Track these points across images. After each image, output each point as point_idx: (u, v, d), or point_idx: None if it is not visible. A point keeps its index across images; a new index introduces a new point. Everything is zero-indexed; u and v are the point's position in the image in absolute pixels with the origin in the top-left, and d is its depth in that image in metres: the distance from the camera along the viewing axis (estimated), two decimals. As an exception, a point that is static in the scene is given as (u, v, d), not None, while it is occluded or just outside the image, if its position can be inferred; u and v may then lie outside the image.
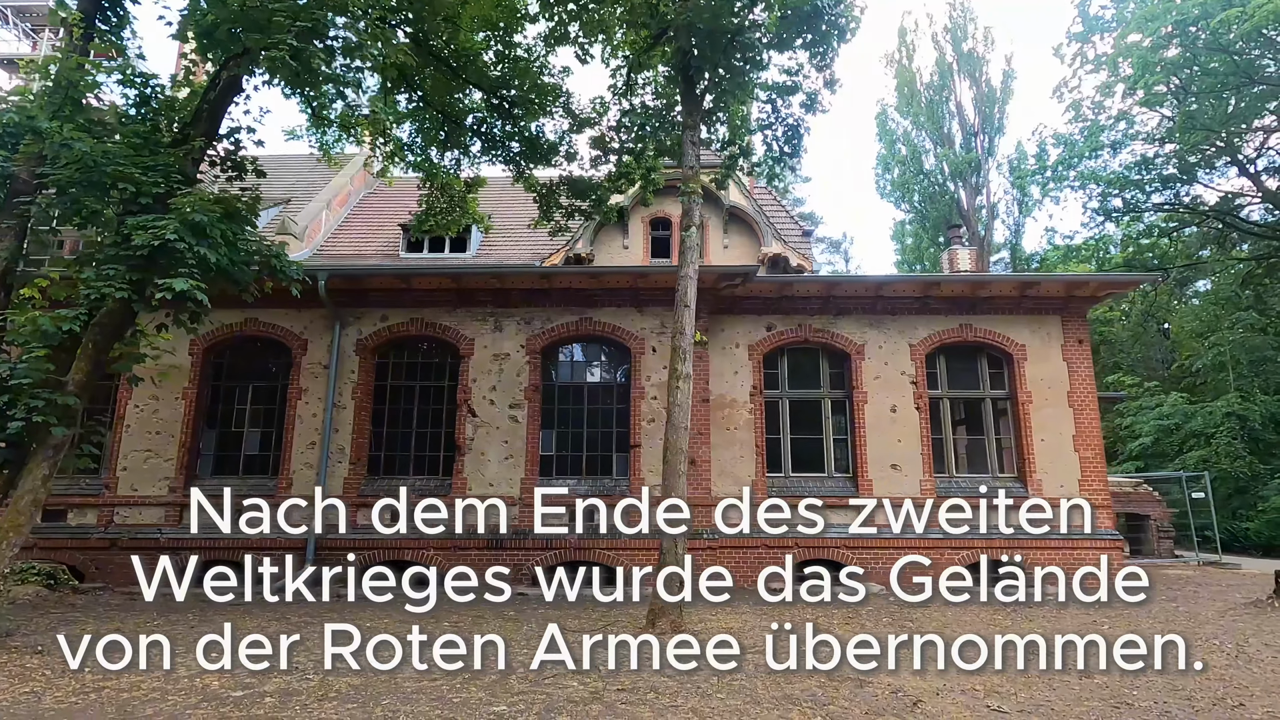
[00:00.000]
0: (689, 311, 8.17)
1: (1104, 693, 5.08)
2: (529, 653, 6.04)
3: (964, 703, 4.75)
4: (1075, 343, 12.34)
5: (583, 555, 11.08)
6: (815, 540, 11.55)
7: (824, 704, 4.75)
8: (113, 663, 5.31)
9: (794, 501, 11.64)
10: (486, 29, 10.93)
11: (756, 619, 8.18)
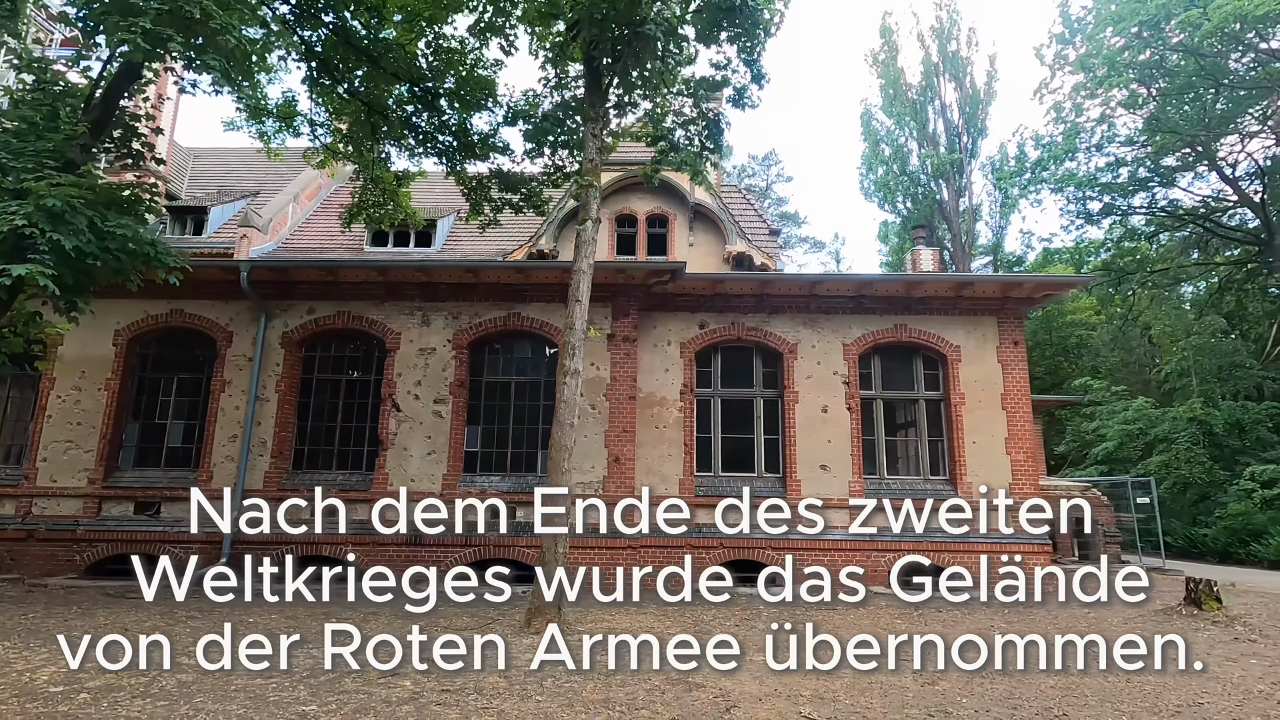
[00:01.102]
0: (580, 307, 8.04)
1: (933, 698, 4.94)
2: (388, 653, 5.95)
3: (780, 709, 4.63)
4: (1011, 344, 12.19)
5: (503, 553, 10.97)
6: (740, 540, 11.45)
7: (637, 708, 4.63)
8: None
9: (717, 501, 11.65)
10: (411, 18, 10.82)
11: (647, 620, 8.03)
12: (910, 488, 11.81)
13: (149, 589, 5.87)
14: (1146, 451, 20.79)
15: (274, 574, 7.19)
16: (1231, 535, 17.46)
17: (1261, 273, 27.83)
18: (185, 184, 25.83)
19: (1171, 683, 5.48)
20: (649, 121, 10.81)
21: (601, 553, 10.93)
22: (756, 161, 40.77)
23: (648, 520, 10.31)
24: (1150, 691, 5.24)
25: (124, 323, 11.85)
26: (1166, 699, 5.06)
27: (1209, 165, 26.93)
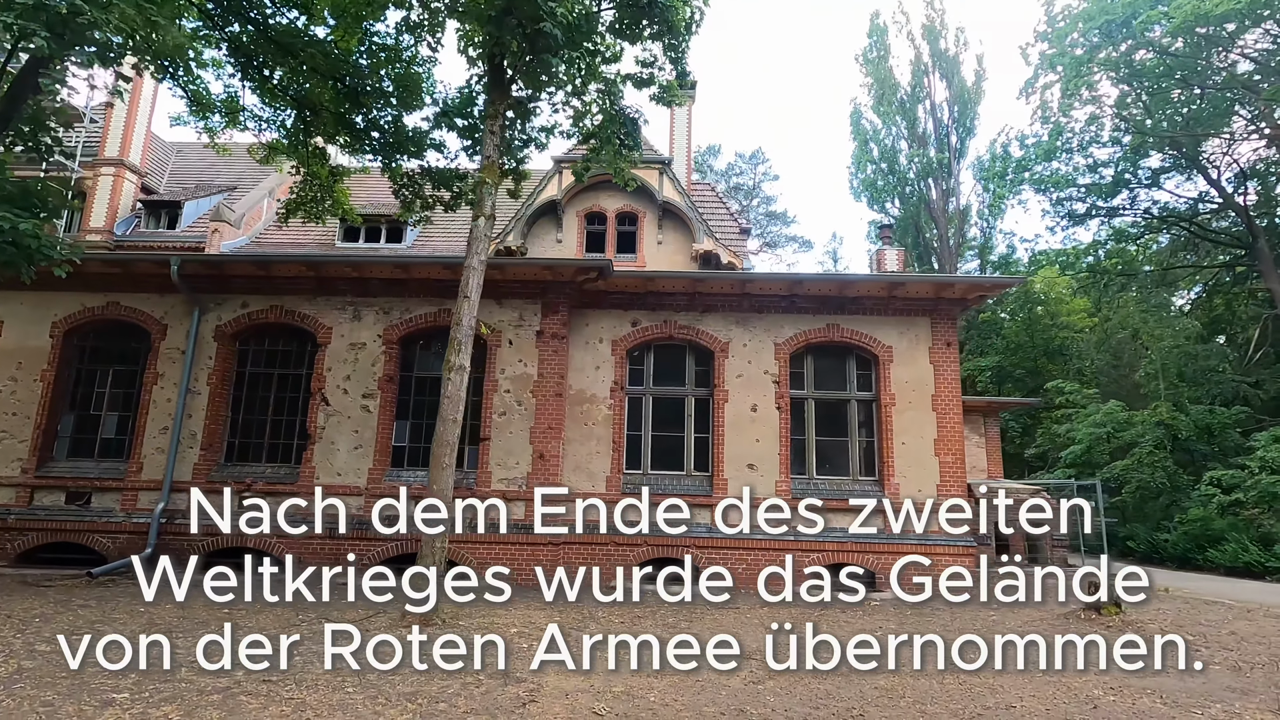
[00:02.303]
0: (468, 302, 8.08)
1: (744, 698, 4.95)
2: (254, 650, 6.03)
3: (576, 704, 4.65)
4: (943, 345, 12.13)
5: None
6: (664, 539, 11.46)
7: (436, 701, 4.67)
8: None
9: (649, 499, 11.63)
10: (339, 14, 10.87)
11: (534, 617, 8.05)
12: (838, 488, 11.78)
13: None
14: (1115, 455, 20.60)
15: (194, 568, 7.34)
16: (1191, 541, 17.28)
17: (1248, 277, 27.53)
18: (165, 178, 26.09)
19: (1002, 683, 5.46)
20: (574, 119, 10.82)
21: (522, 549, 10.97)
22: (744, 160, 40.71)
23: (577, 517, 10.40)
24: (972, 692, 5.22)
25: (61, 314, 12.00)
26: (983, 700, 5.05)
27: (1193, 167, 26.67)
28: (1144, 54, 21.40)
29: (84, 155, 22.67)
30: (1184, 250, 30.93)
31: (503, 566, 10.83)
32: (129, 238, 22.24)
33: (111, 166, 22.54)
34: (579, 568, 11.28)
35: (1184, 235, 29.06)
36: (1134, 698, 5.30)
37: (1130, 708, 5.04)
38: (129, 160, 22.81)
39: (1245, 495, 16.17)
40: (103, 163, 22.50)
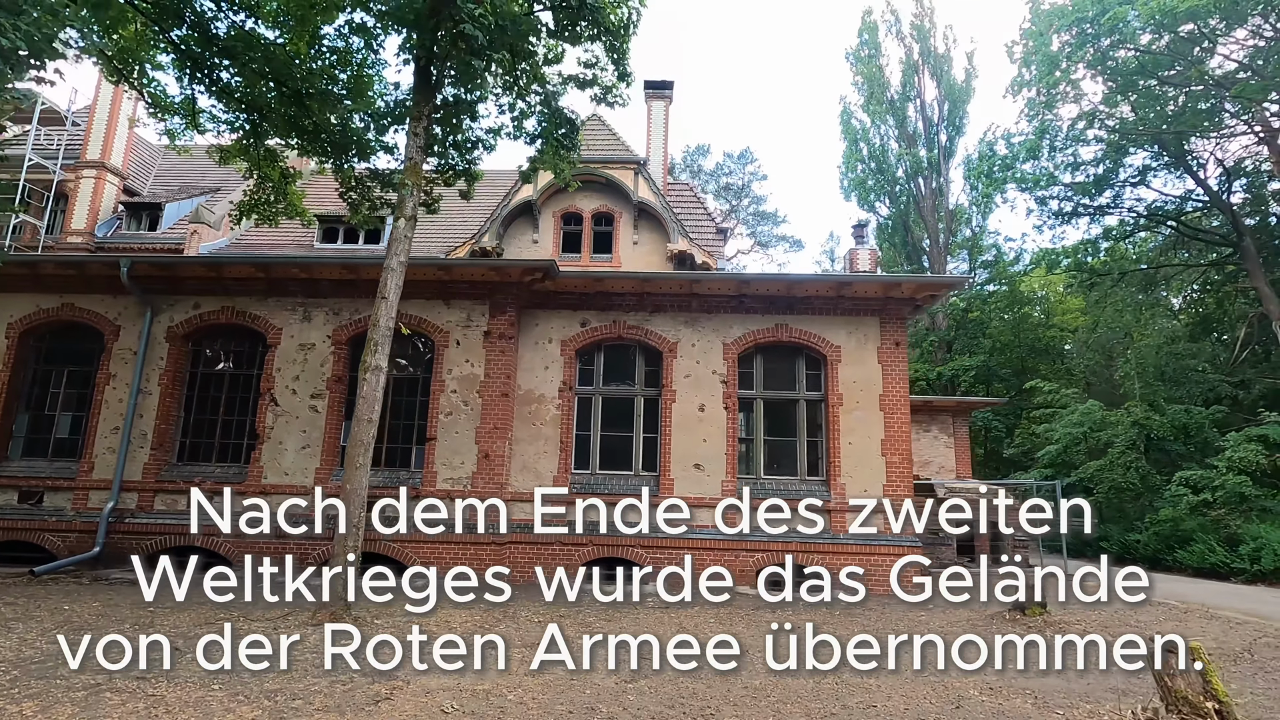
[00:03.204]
0: (386, 304, 8.13)
1: (606, 696, 4.97)
2: (150, 649, 6.12)
3: (429, 702, 4.69)
4: (892, 345, 12.10)
5: (370, 547, 11.07)
6: (609, 539, 11.48)
7: (294, 699, 4.72)
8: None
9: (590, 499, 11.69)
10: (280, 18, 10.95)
11: (454, 618, 8.09)
12: (785, 488, 11.76)
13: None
14: (1092, 455, 20.46)
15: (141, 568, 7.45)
16: (1161, 542, 17.16)
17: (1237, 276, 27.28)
18: (150, 181, 26.31)
19: (878, 683, 5.47)
20: (514, 121, 10.86)
21: (465, 549, 11.02)
22: (732, 159, 40.64)
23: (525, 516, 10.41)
24: (841, 692, 5.22)
25: (17, 315, 12.15)
26: (848, 699, 5.06)
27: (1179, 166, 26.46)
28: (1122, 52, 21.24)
29: (66, 158, 22.91)
30: (1174, 249, 30.73)
31: (444, 564, 10.94)
32: (110, 240, 22.45)
33: (93, 169, 22.75)
34: (524, 567, 11.41)
35: (1172, 234, 28.86)
36: (1006, 698, 5.29)
37: (995, 708, 5.03)
38: (110, 163, 23.02)
39: (1213, 496, 16.04)
40: (84, 165, 22.72)
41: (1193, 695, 4.03)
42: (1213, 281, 29.39)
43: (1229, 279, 28.58)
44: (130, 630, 6.80)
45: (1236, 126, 24.25)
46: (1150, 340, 22.21)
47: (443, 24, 8.36)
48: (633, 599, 9.82)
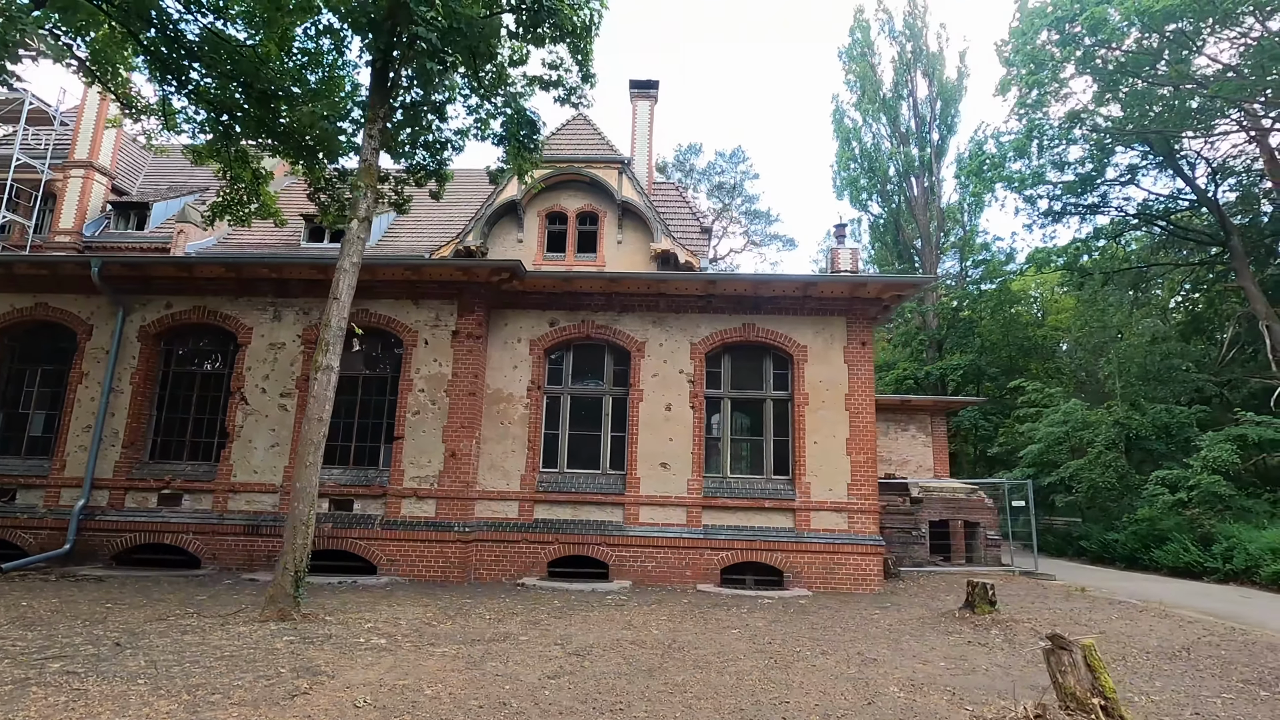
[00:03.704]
0: (338, 304, 8.21)
1: (522, 688, 5.05)
2: (89, 644, 6.25)
3: (345, 696, 4.78)
4: (858, 345, 12.15)
5: (335, 544, 11.19)
6: (575, 537, 11.57)
7: (214, 693, 4.81)
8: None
9: (563, 498, 11.81)
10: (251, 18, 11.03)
11: (401, 612, 8.18)
12: (751, 487, 11.84)
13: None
14: (1075, 454, 20.47)
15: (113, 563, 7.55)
16: (1139, 541, 17.15)
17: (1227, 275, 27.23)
18: (140, 180, 26.47)
19: (798, 679, 5.54)
20: (478, 122, 10.94)
21: (431, 546, 11.11)
22: (724, 159, 40.64)
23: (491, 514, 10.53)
24: (760, 688, 5.30)
25: None
26: (762, 694, 5.13)
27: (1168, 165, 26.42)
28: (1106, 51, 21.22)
29: (54, 157, 23.07)
30: (1164, 248, 30.70)
31: (410, 562, 11.05)
32: (98, 239, 22.60)
33: (81, 169, 22.91)
34: (490, 565, 11.51)
35: (1162, 234, 28.85)
36: (925, 694, 5.35)
37: (908, 703, 5.10)
38: (98, 162, 23.17)
39: (1187, 495, 16.04)
40: (72, 165, 22.87)
41: (1080, 691, 4.09)
42: (1204, 281, 29.37)
43: (1220, 278, 28.54)
44: (81, 626, 6.91)
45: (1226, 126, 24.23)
46: (1135, 339, 22.15)
47: (399, 26, 8.44)
48: (593, 597, 9.92)
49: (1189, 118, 23.36)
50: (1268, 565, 13.59)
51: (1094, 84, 24.54)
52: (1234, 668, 6.61)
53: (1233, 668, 6.61)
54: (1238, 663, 6.81)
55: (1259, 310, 23.49)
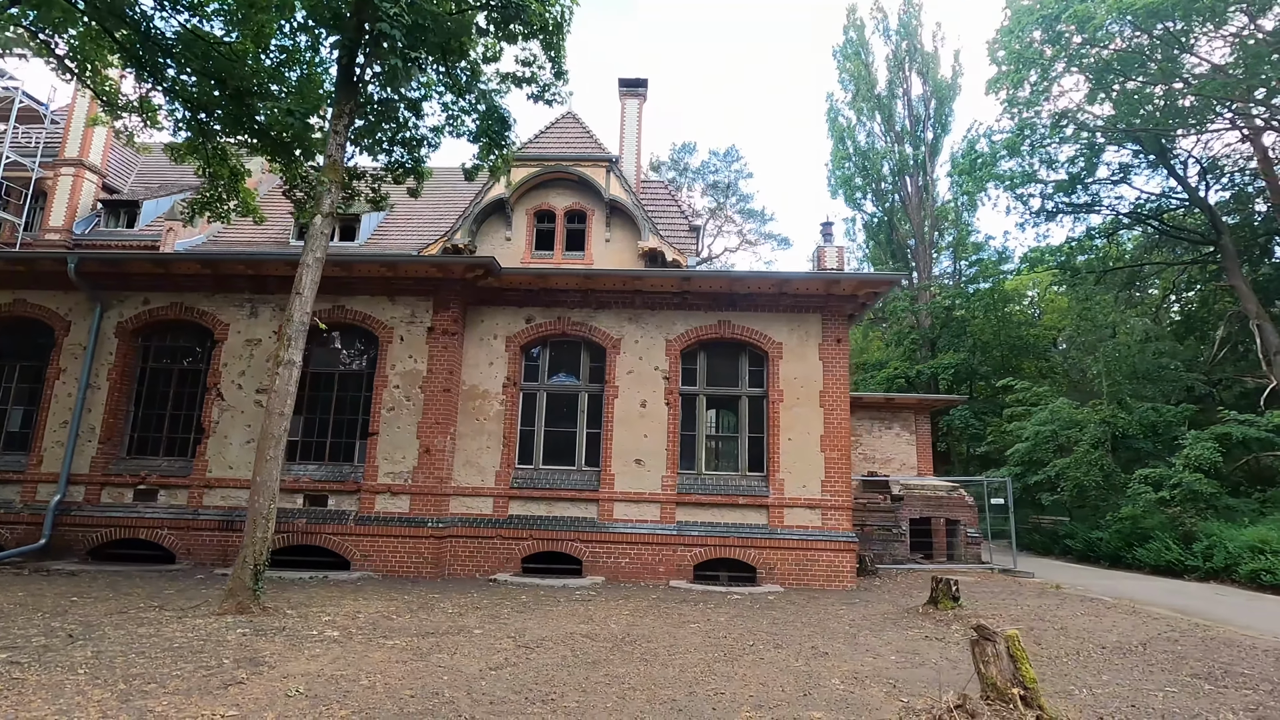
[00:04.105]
0: (300, 299, 8.25)
1: (458, 679, 5.08)
2: (42, 636, 6.29)
3: (279, 686, 4.81)
4: (833, 342, 12.16)
5: (310, 539, 11.24)
6: (550, 533, 11.59)
7: (150, 682, 4.84)
8: None
9: (537, 495, 11.83)
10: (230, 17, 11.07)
11: (363, 606, 8.21)
12: (725, 483, 11.85)
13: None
14: (1063, 453, 20.44)
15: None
16: (1122, 539, 17.14)
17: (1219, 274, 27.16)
18: (131, 178, 26.54)
19: (741, 672, 5.55)
20: (450, 119, 10.97)
21: (405, 541, 11.14)
22: (718, 157, 40.64)
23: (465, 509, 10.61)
24: (700, 680, 5.31)
25: None
26: (699, 686, 5.14)
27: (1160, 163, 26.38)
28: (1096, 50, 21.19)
29: (44, 155, 23.16)
30: (1157, 248, 30.65)
31: (384, 557, 11.09)
32: (88, 237, 22.67)
33: (71, 167, 22.99)
34: (464, 560, 11.54)
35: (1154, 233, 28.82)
36: (864, 687, 5.36)
37: (843, 695, 5.11)
38: (88, 160, 23.25)
39: (1169, 493, 16.02)
40: (62, 163, 22.96)
41: (1001, 681, 4.10)
42: (1198, 280, 29.31)
43: (1213, 277, 28.48)
44: (40, 619, 6.94)
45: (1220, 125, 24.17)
46: (1124, 338, 22.11)
47: (366, 23, 8.47)
48: (562, 593, 9.95)
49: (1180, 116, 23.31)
50: (1246, 563, 13.58)
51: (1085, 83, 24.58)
52: (1186, 662, 6.61)
53: (1185, 662, 6.60)
54: (1191, 657, 6.81)
55: (1250, 309, 23.43)
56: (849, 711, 4.73)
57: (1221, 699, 5.43)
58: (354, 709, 4.38)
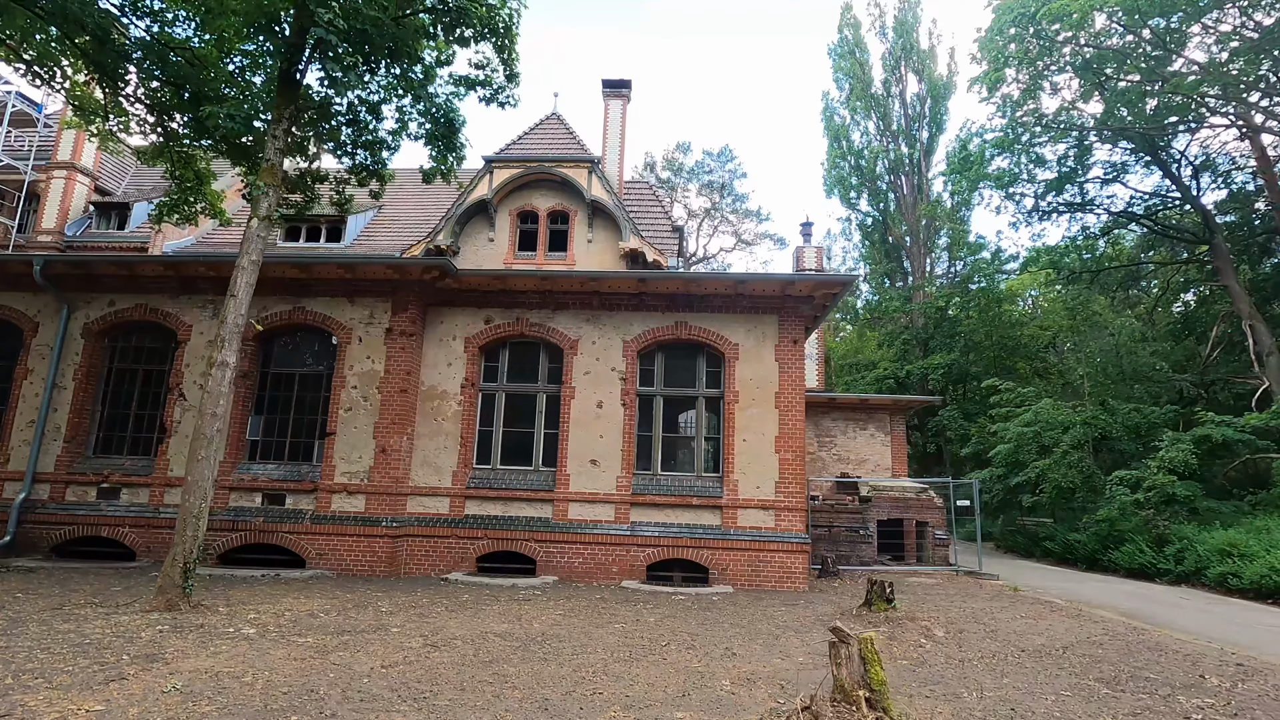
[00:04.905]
0: (235, 301, 8.36)
1: (345, 674, 5.15)
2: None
3: (157, 683, 4.90)
4: (790, 343, 12.15)
5: (266, 538, 11.38)
6: (504, 533, 11.67)
7: (37, 676, 4.95)
8: None
9: (494, 495, 11.91)
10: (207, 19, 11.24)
11: (299, 604, 8.32)
12: (680, 484, 11.87)
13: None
14: (1041, 454, 20.26)
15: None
16: (1099, 542, 16.99)
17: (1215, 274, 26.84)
18: (125, 180, 26.90)
19: (633, 671, 5.60)
20: (400, 122, 11.07)
21: (359, 540, 11.25)
22: (712, 157, 40.61)
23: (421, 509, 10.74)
24: (589, 678, 5.36)
25: None
26: (584, 686, 5.18)
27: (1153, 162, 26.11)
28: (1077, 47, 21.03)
29: (37, 159, 23.53)
30: (1152, 248, 30.35)
31: (339, 556, 11.20)
32: (79, 239, 23.01)
33: (63, 170, 23.34)
34: (419, 559, 11.64)
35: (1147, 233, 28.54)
36: (754, 687, 5.38)
37: (723, 696, 5.13)
38: (80, 163, 23.59)
39: (1144, 495, 15.84)
40: (55, 166, 23.31)
41: (849, 683, 4.12)
42: (1196, 280, 28.96)
43: (1210, 277, 28.13)
44: (-22, 614, 7.08)
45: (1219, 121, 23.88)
46: (1110, 339, 21.89)
47: (305, 28, 8.58)
48: (507, 592, 10.01)
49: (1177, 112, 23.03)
50: (1214, 566, 13.42)
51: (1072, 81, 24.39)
52: (1100, 666, 6.57)
53: (1098, 666, 6.57)
54: (1107, 661, 6.77)
55: (1242, 310, 23.15)
56: (718, 712, 4.76)
57: (1114, 703, 5.41)
58: (220, 706, 4.46)
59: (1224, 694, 5.74)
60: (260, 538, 11.41)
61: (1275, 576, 12.07)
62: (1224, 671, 6.53)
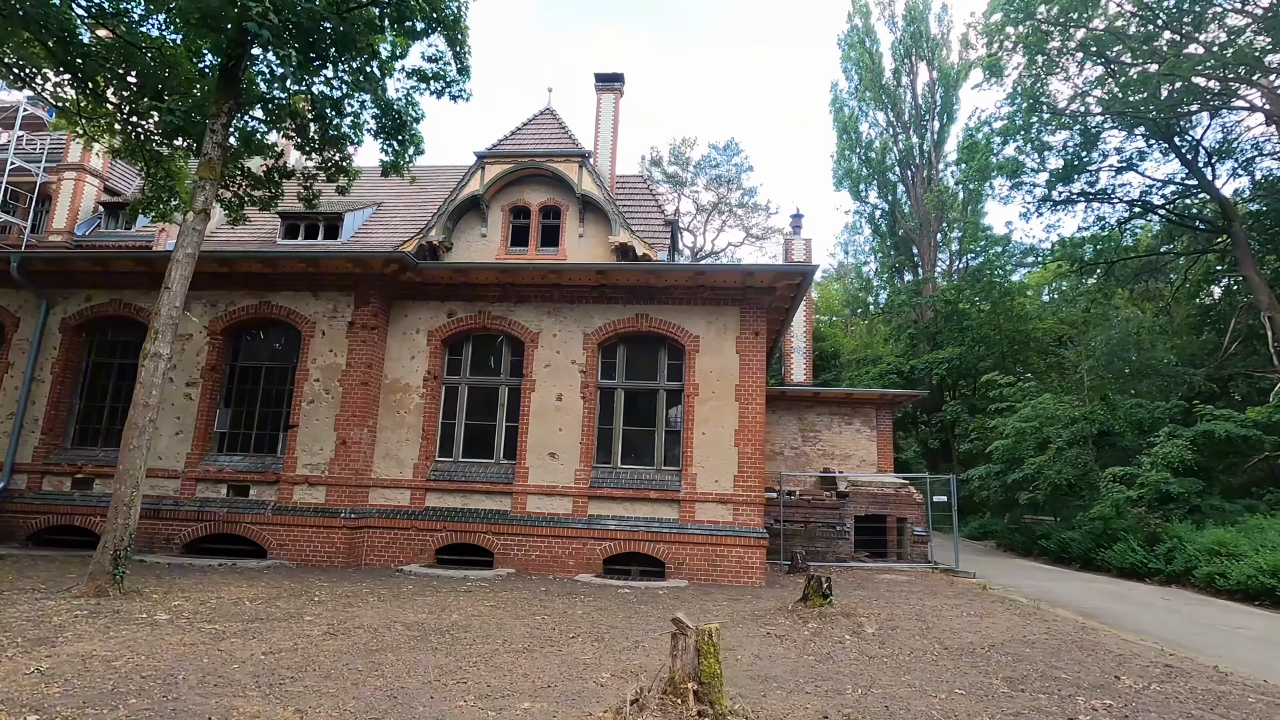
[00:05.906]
0: (169, 294, 8.47)
1: (262, 664, 5.18)
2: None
3: (26, 665, 4.98)
4: (751, 335, 11.96)
5: (230, 529, 11.57)
6: (463, 525, 11.71)
7: (-85, 658, 5.07)
8: None
9: (454, 487, 11.95)
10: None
11: (240, 592, 8.42)
12: (640, 478, 11.78)
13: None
14: (1040, 449, 19.70)
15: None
16: (1092, 540, 16.46)
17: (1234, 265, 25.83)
18: (136, 181, 27.58)
19: (522, 664, 5.54)
20: (353, 118, 11.13)
21: (319, 531, 11.37)
22: (718, 151, 40.21)
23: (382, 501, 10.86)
24: (460, 666, 5.32)
25: None
26: (460, 675, 5.15)
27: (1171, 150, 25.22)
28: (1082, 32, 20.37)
29: (48, 161, 24.24)
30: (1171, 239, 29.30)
31: (299, 547, 11.34)
32: (88, 238, 23.64)
33: (73, 171, 24.00)
34: (379, 551, 11.73)
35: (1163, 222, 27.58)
36: (629, 680, 5.28)
37: (592, 689, 5.04)
38: (89, 165, 24.23)
39: (1136, 493, 15.30)
40: (65, 168, 23.99)
41: (680, 676, 4.01)
42: (1217, 271, 27.92)
43: (1229, 267, 27.07)
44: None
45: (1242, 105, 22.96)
46: (1116, 332, 21.18)
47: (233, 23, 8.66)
48: (453, 584, 10.03)
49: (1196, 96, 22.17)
50: (1202, 566, 12.90)
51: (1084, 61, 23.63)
52: (1016, 665, 6.34)
53: (1014, 665, 6.33)
54: (1027, 660, 6.53)
55: (1261, 301, 22.24)
56: (570, 704, 4.69)
57: (1007, 703, 5.20)
58: (70, 688, 4.51)
59: (1130, 696, 5.49)
60: (225, 528, 11.60)
61: (1262, 578, 11.56)
62: (1148, 673, 6.25)
